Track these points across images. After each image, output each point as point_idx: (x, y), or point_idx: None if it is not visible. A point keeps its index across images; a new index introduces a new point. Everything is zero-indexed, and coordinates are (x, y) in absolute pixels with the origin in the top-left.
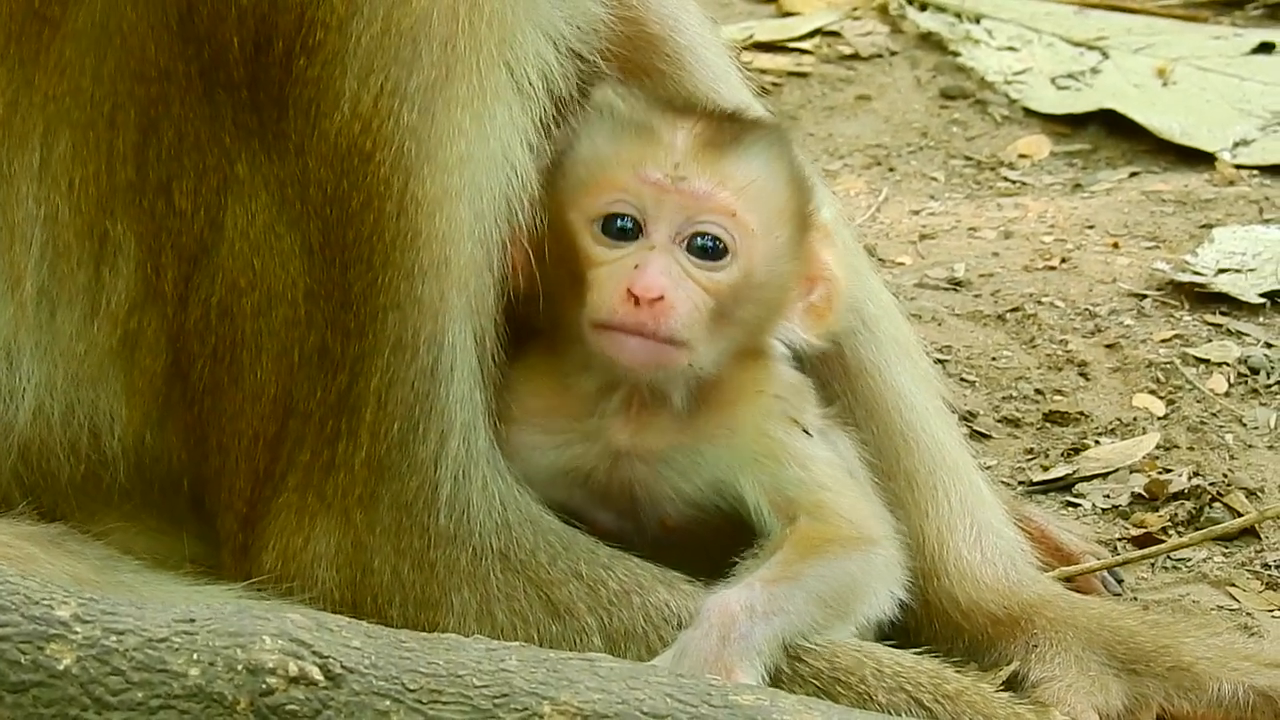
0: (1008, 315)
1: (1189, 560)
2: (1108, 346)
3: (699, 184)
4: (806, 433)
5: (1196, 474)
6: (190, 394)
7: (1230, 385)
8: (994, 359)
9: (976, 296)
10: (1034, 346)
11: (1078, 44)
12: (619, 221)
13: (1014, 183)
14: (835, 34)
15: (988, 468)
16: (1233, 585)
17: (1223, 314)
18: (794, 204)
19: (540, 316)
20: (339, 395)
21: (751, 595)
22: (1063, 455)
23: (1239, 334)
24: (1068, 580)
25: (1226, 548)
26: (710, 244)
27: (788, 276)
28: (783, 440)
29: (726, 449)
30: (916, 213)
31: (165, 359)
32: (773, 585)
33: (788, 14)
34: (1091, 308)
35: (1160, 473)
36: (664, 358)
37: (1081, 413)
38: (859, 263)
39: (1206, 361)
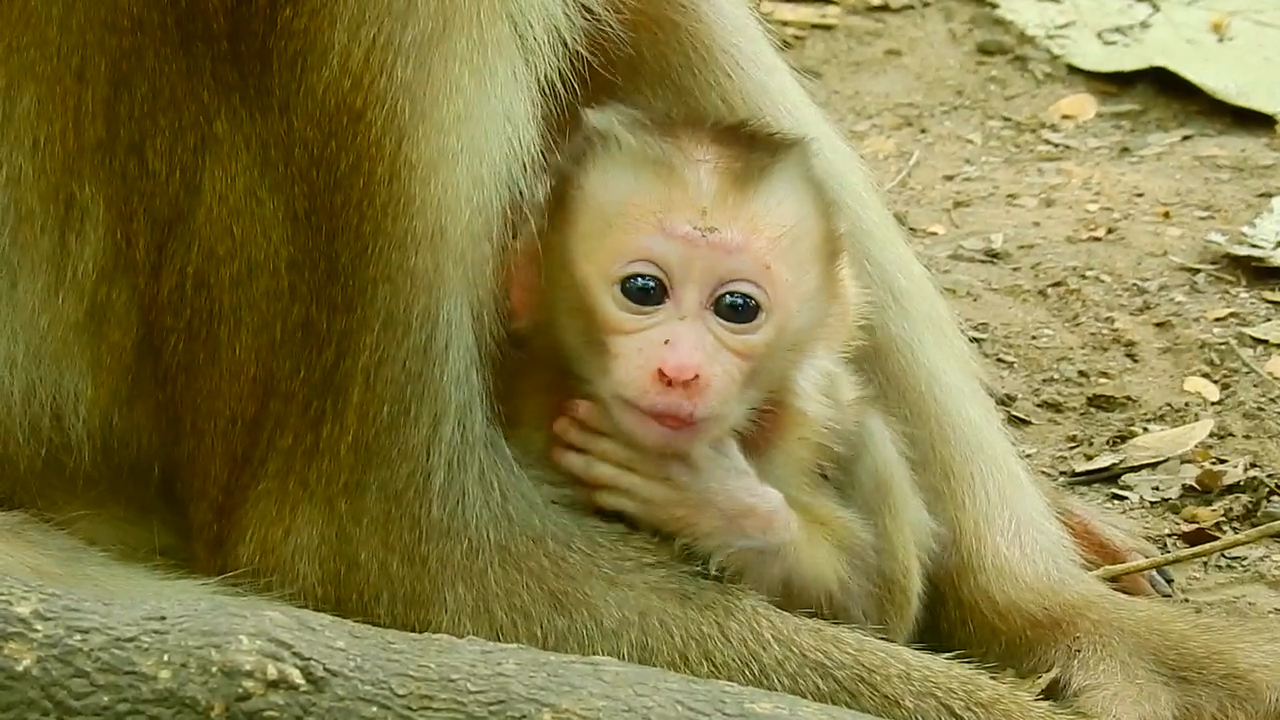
0: (1049, 290)
1: (1244, 559)
2: (1157, 325)
3: (730, 235)
4: (824, 477)
5: (1253, 465)
6: (162, 372)
7: None
8: (1034, 338)
9: (1015, 270)
10: (1077, 325)
11: None
12: (643, 282)
13: (1056, 146)
14: None
15: (1027, 456)
16: None
17: None
18: (824, 234)
19: (541, 344)
20: (324, 374)
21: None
22: (1108, 443)
23: None
24: (1113, 580)
25: None
26: (743, 303)
27: (818, 314)
28: (805, 504)
29: None
30: (950, 178)
31: (136, 333)
32: None
33: None
34: (1140, 283)
35: (1214, 463)
36: (692, 439)
37: (1129, 397)
38: (889, 233)
39: (1265, 342)
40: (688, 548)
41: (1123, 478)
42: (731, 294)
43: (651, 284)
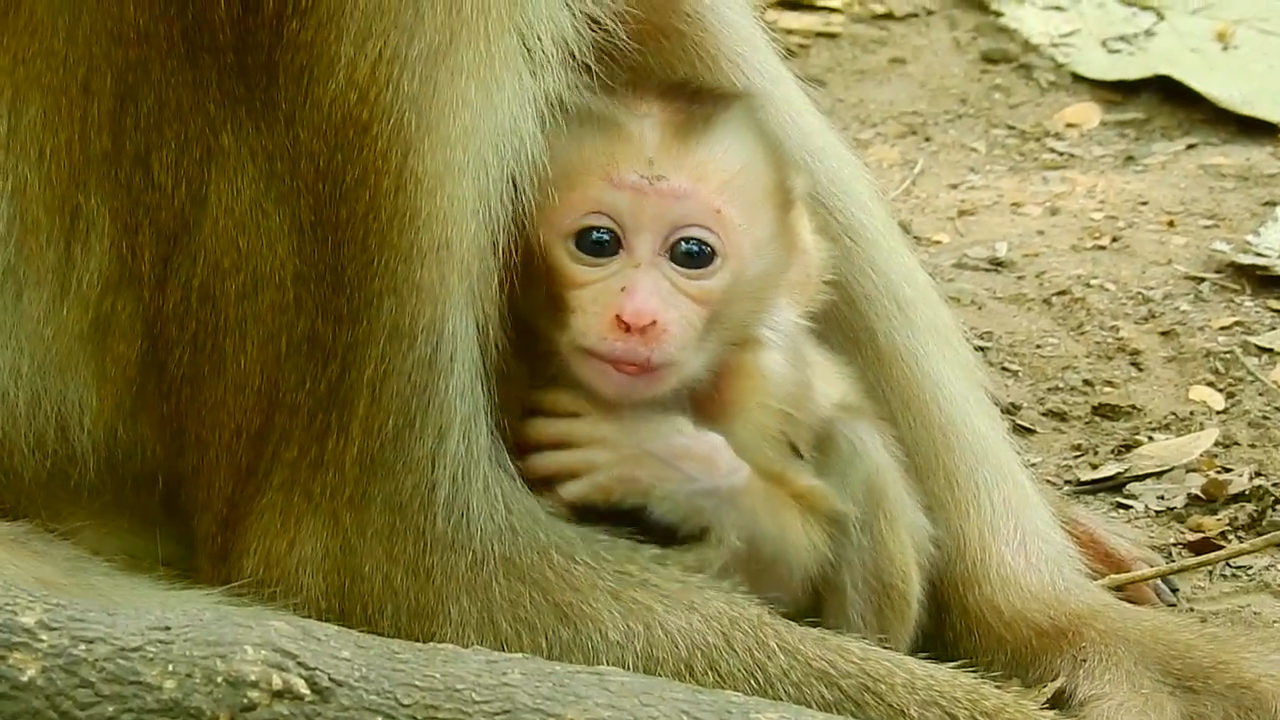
0: (1054, 299)
1: (1250, 568)
2: (1162, 334)
3: (678, 181)
4: (798, 454)
5: (1259, 474)
6: (167, 384)
7: None
8: (1039, 347)
9: (1020, 278)
10: (1082, 333)
11: (1130, 4)
12: (596, 235)
13: (1061, 155)
14: None
15: (1032, 465)
16: None
17: None
18: (775, 182)
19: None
20: (329, 387)
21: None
22: (1113, 452)
23: None
24: (1118, 589)
25: None
26: (697, 249)
27: (775, 263)
28: (777, 474)
29: None
30: (955, 187)
31: (140, 345)
32: None
33: None
34: (1145, 291)
35: (1219, 472)
36: (652, 386)
37: (1134, 406)
38: (893, 241)
39: (1270, 351)
40: (644, 519)
41: (1128, 487)
42: (685, 239)
43: (605, 236)
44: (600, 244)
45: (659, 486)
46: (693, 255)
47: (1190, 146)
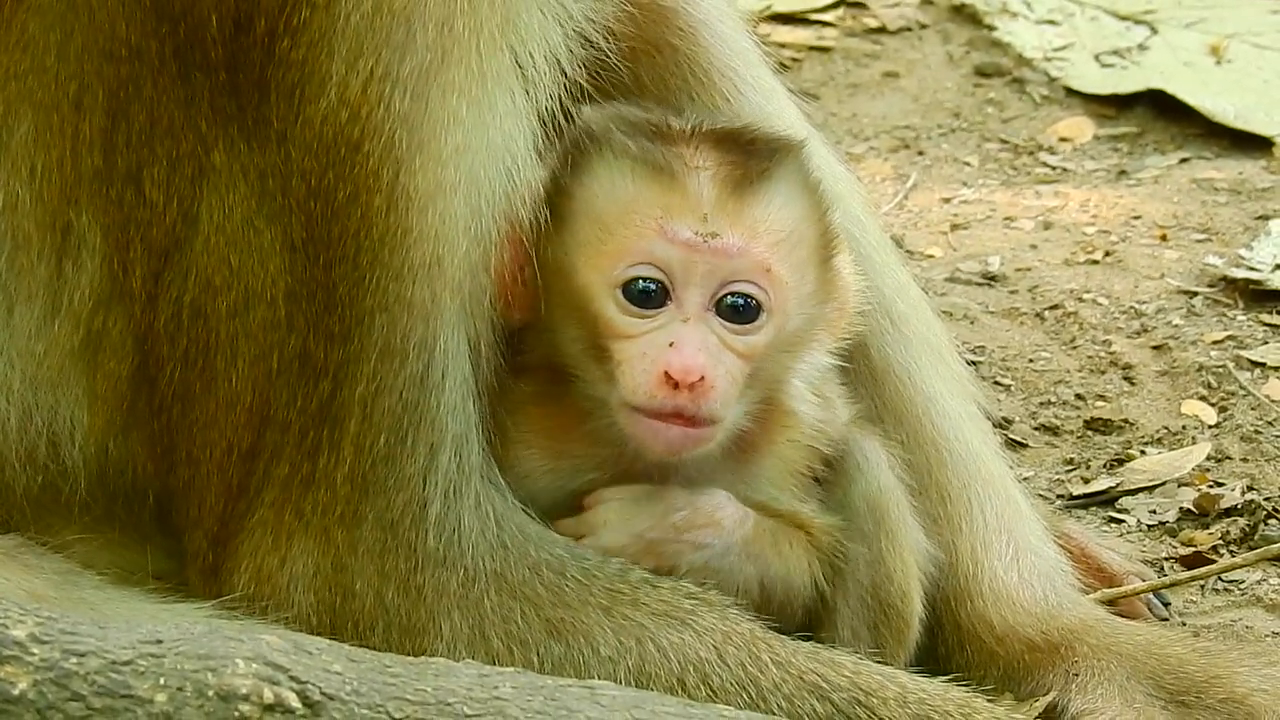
0: (1046, 313)
1: (1242, 582)
2: (1155, 348)
3: (731, 239)
4: (816, 481)
5: (1251, 488)
6: (158, 400)
7: None
8: (1031, 361)
9: (1012, 293)
10: (1075, 348)
11: (1124, 18)
12: (644, 285)
13: (1054, 169)
14: (860, 5)
15: (1024, 480)
16: None
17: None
18: (822, 236)
19: (538, 350)
20: (321, 404)
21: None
22: (1105, 467)
23: None
24: (1111, 603)
25: None
26: (744, 304)
27: (817, 315)
28: (787, 509)
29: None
30: (948, 200)
31: (131, 362)
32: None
33: None
34: (1137, 306)
35: (1211, 486)
36: (699, 442)
37: (1126, 420)
38: (886, 256)
39: (1262, 365)
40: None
41: (1120, 501)
42: (733, 295)
43: (653, 287)
44: (648, 295)
45: (680, 564)
46: (739, 310)
47: (1183, 160)
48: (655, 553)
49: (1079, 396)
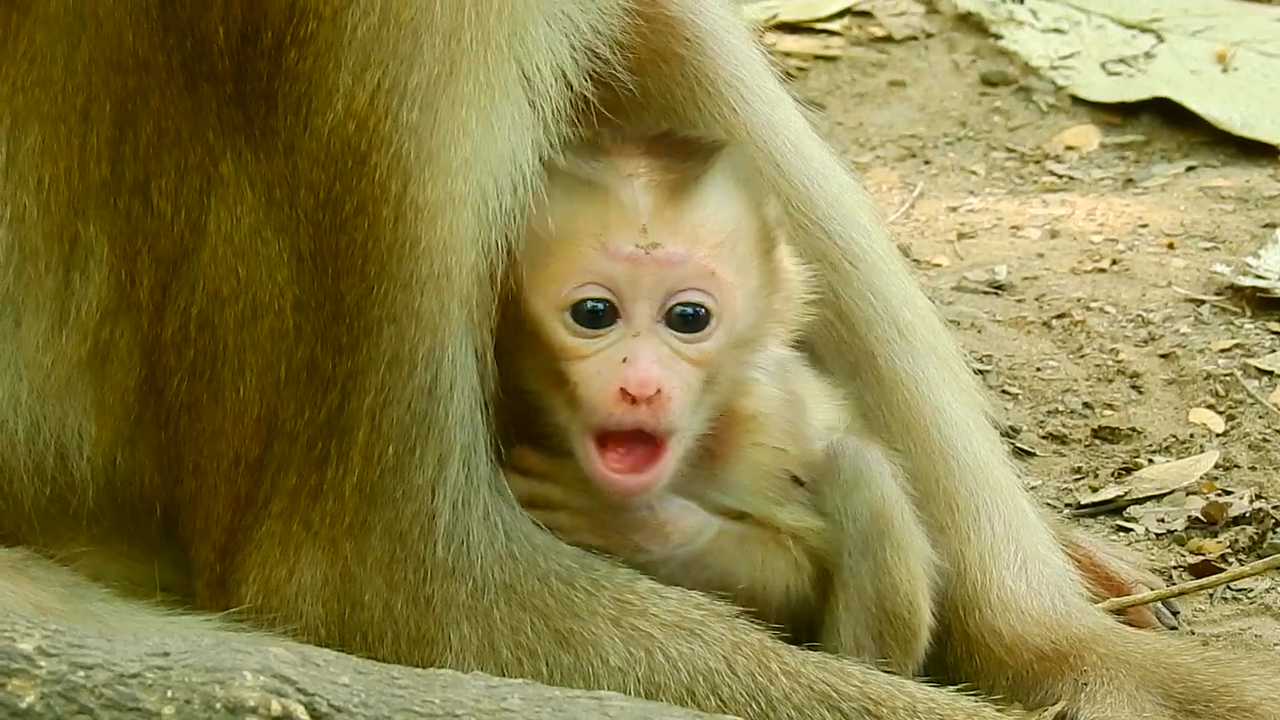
0: (1053, 322)
1: (1251, 591)
2: (1162, 356)
3: (674, 248)
4: (798, 481)
5: (1259, 496)
6: (165, 412)
7: None
8: (1039, 370)
9: (1019, 301)
10: (1082, 356)
11: (1130, 26)
12: (592, 305)
13: (1060, 177)
14: (866, 14)
15: (1032, 489)
16: None
17: None
18: (761, 230)
19: (502, 379)
20: (329, 415)
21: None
22: (1113, 475)
23: None
24: (1119, 612)
25: None
26: (693, 313)
27: (764, 308)
28: (771, 515)
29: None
30: (954, 209)
31: (139, 373)
32: None
33: None
34: (1144, 314)
35: (1219, 495)
36: (656, 477)
37: (1134, 429)
38: (892, 265)
39: (1270, 373)
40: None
41: (1128, 510)
42: (681, 305)
43: (601, 305)
44: (596, 314)
45: (616, 551)
46: (689, 319)
47: (1190, 169)
48: (597, 537)
49: (1086, 405)
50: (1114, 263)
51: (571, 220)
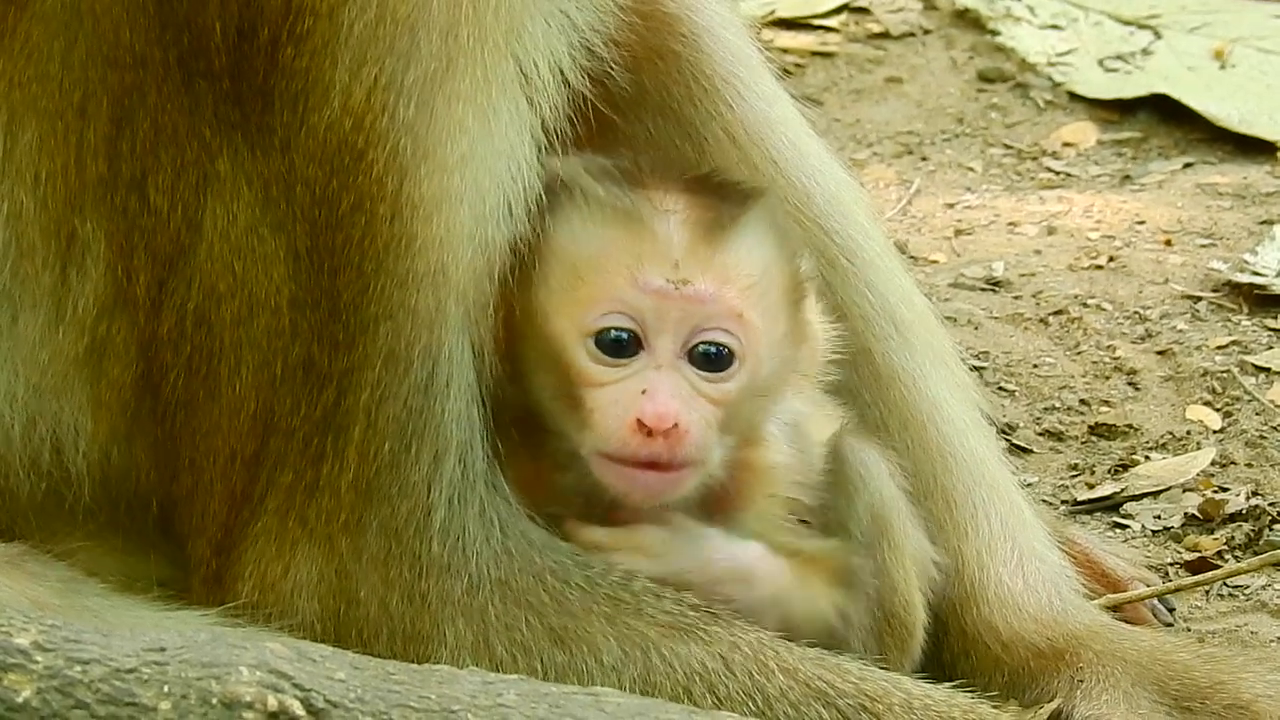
0: (1050, 319)
1: (1247, 587)
2: (1159, 353)
3: (703, 287)
4: (805, 522)
5: (1255, 493)
6: (162, 408)
7: None
8: (1035, 366)
9: (1016, 298)
10: (1079, 353)
11: (1127, 22)
12: (616, 334)
13: (1057, 174)
14: (863, 10)
15: (1028, 485)
16: None
17: None
18: (792, 280)
19: (512, 398)
20: (325, 412)
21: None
22: (1110, 472)
23: None
24: (1115, 609)
25: None
26: (716, 352)
27: (787, 359)
28: (794, 548)
29: None
30: (951, 206)
31: (135, 369)
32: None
33: None
34: (1142, 311)
35: (1216, 491)
36: (675, 488)
37: (1130, 426)
38: (889, 261)
39: (1266, 370)
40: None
41: (1124, 506)
42: (706, 343)
43: (625, 335)
44: (620, 344)
45: (706, 600)
46: (711, 358)
47: (1187, 165)
48: (686, 589)
49: (1083, 402)
50: (1111, 259)
51: (604, 248)
